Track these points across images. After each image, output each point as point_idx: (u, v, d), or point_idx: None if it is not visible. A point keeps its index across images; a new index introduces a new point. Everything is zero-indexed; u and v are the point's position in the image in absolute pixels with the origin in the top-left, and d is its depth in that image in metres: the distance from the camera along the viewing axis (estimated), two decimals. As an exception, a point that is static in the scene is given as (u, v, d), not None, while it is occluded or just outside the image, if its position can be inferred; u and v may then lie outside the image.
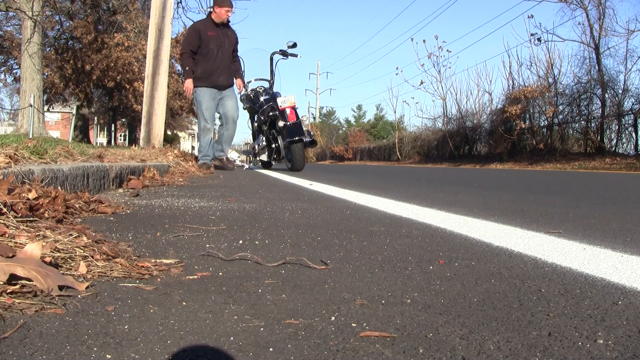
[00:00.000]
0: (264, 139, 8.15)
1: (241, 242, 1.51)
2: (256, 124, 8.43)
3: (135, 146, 6.99)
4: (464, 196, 3.42)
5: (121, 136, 40.19)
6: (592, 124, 17.44)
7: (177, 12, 17.48)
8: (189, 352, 0.69)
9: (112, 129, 25.37)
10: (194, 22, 7.97)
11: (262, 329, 0.79)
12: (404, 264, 1.26)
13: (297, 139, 7.11)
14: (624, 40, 17.41)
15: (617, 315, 0.88)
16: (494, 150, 20.16)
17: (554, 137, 18.22)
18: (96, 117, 30.09)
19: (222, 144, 7.23)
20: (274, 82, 8.21)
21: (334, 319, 0.85)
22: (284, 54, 8.17)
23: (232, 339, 0.75)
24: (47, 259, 1.01)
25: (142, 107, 8.13)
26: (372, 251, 1.41)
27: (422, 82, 26.09)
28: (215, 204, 2.54)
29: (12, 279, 0.90)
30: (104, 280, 1.04)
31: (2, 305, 0.83)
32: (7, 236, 1.14)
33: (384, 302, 0.95)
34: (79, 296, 0.92)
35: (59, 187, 2.06)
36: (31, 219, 1.38)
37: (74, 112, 21.55)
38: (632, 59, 17.09)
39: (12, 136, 4.20)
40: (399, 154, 27.98)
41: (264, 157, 8.37)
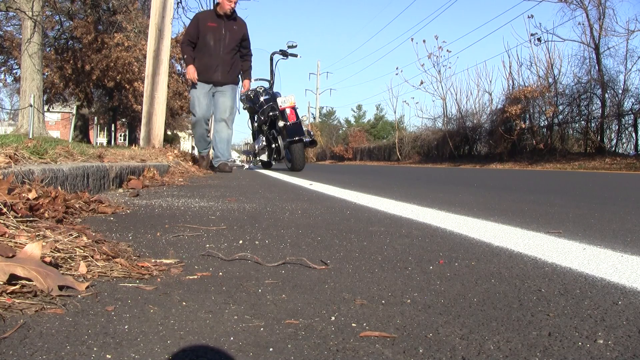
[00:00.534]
0: (264, 139, 8.16)
1: (241, 242, 1.51)
2: (256, 124, 8.44)
3: (135, 146, 6.98)
4: (464, 196, 3.42)
5: (121, 136, 40.20)
6: (592, 124, 17.45)
7: (177, 12, 17.53)
8: (189, 352, 0.69)
9: (112, 129, 25.38)
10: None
11: (262, 329, 0.79)
12: (404, 264, 1.26)
13: (297, 139, 7.11)
14: (624, 40, 17.45)
15: (617, 315, 0.88)
16: (494, 150, 20.17)
17: (554, 137, 18.22)
18: (96, 117, 30.11)
19: (217, 149, 6.67)
20: (274, 82, 8.21)
21: (334, 319, 0.85)
22: (284, 54, 8.18)
23: (232, 339, 0.75)
24: (47, 259, 1.01)
25: (142, 107, 8.13)
26: (372, 251, 1.41)
27: (422, 82, 26.19)
28: (215, 204, 2.54)
29: (12, 279, 0.90)
30: (104, 280, 1.04)
31: (2, 305, 0.83)
32: (7, 236, 1.14)
33: (384, 302, 0.95)
34: (79, 296, 0.92)
35: (59, 187, 2.06)
36: (31, 219, 1.38)
37: (74, 112, 21.56)
38: (632, 59, 17.13)
39: (12, 136, 4.20)
40: (399, 154, 27.98)
41: (264, 157, 8.37)
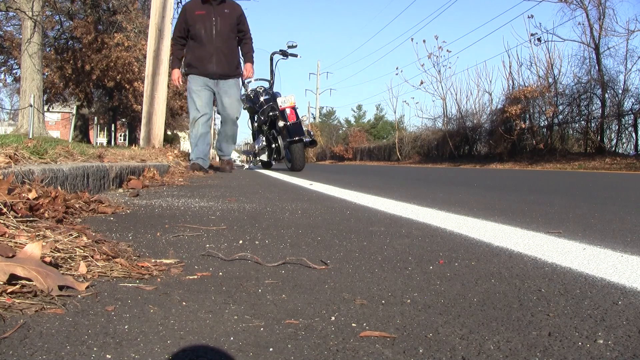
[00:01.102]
0: (264, 139, 8.16)
1: (241, 242, 1.51)
2: (256, 124, 8.44)
3: (135, 146, 6.99)
4: (464, 196, 3.42)
5: (121, 136, 40.18)
6: (592, 124, 17.44)
7: (177, 12, 17.48)
8: (189, 352, 0.69)
9: (112, 129, 25.37)
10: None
11: (262, 329, 0.79)
12: (404, 264, 1.26)
13: (297, 139, 7.10)
14: (624, 40, 17.42)
15: (617, 315, 0.88)
16: (494, 150, 20.15)
17: (554, 137, 18.21)
18: (96, 117, 30.09)
19: (222, 144, 6.58)
20: (274, 82, 8.21)
21: (334, 319, 0.85)
22: (284, 54, 8.17)
23: (232, 339, 0.75)
24: (47, 259, 1.01)
25: (142, 107, 8.14)
26: (372, 251, 1.41)
27: (422, 82, 26.15)
28: (215, 204, 2.54)
29: (12, 279, 0.90)
30: (104, 280, 1.04)
31: (2, 305, 0.83)
32: (7, 236, 1.14)
33: (384, 302, 0.94)
34: (79, 296, 0.92)
35: (59, 187, 2.06)
36: (31, 219, 1.38)
37: (74, 112, 21.57)
38: (632, 59, 17.10)
39: (12, 136, 4.20)
40: (399, 154, 27.97)
41: (264, 157, 8.37)
